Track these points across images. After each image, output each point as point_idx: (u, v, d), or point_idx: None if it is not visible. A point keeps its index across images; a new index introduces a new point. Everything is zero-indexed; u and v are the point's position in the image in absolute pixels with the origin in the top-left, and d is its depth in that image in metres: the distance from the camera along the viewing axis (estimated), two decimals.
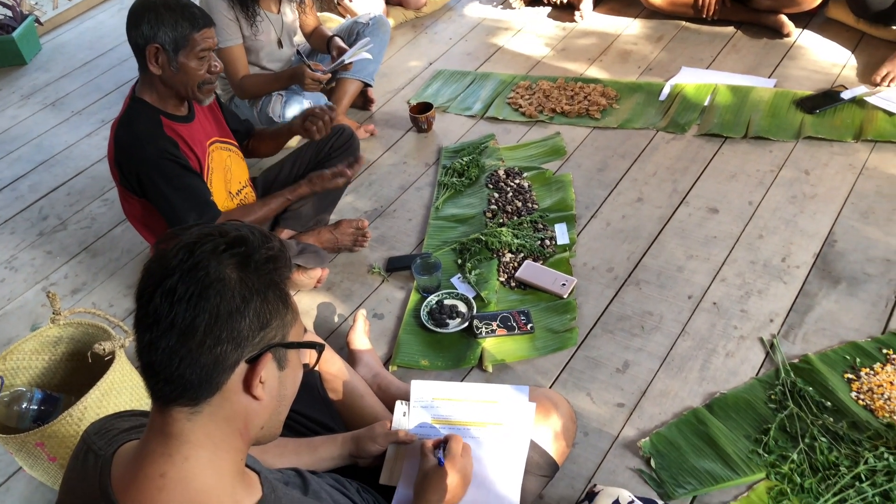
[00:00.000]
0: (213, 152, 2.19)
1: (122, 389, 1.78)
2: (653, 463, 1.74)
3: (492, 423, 1.41)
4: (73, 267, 2.68)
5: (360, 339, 2.00)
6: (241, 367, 0.90)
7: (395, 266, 2.37)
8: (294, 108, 2.81)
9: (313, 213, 2.46)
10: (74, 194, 3.06)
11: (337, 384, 1.67)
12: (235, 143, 2.32)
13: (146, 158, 2.00)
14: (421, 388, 1.46)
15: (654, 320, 2.09)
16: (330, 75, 2.73)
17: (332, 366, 1.68)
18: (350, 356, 1.97)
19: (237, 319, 0.88)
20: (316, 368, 1.65)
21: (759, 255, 2.23)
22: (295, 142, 2.98)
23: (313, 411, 1.57)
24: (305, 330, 1.09)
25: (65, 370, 1.96)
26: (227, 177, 2.25)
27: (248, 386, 0.91)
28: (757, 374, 1.90)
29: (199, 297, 0.86)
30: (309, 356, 1.06)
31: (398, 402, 1.47)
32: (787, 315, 2.05)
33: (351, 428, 1.54)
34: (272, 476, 1.09)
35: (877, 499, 1.57)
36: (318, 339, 1.69)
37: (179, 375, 0.87)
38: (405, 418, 1.45)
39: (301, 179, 2.31)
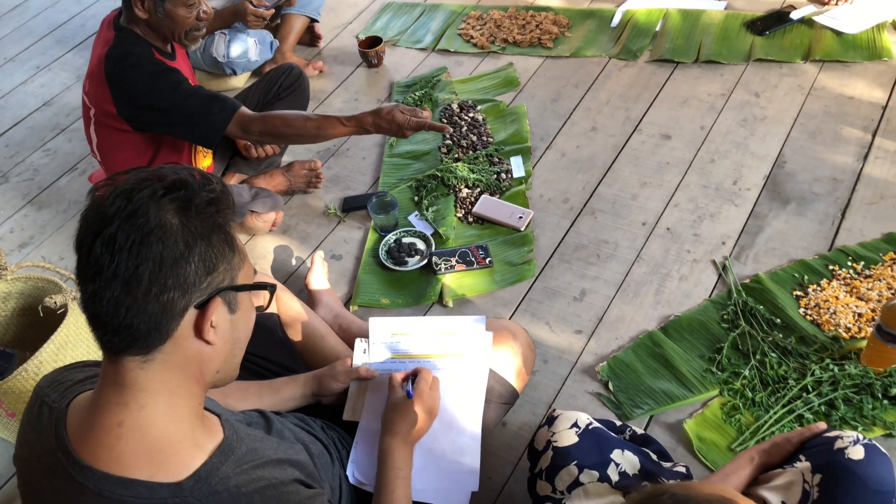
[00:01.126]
0: None
1: (79, 342, 1.75)
2: (611, 386, 1.78)
3: (451, 354, 1.43)
4: (17, 221, 2.60)
5: (319, 280, 1.99)
6: (191, 313, 0.89)
7: (351, 206, 2.35)
8: (238, 47, 2.72)
9: (265, 156, 2.41)
10: (13, 146, 2.95)
11: (296, 326, 1.67)
12: None
13: (153, 81, 1.91)
14: (379, 325, 1.46)
15: (609, 248, 2.12)
16: (273, 11, 2.64)
17: (290, 308, 1.68)
18: (309, 298, 1.97)
19: (182, 265, 0.86)
20: (274, 310, 1.65)
21: (711, 180, 2.26)
22: (242, 81, 2.90)
23: (274, 353, 1.57)
24: (256, 272, 1.08)
25: (17, 326, 1.93)
26: None
27: (199, 331, 0.90)
28: (710, 296, 1.95)
29: (141, 245, 0.84)
30: (263, 297, 1.06)
31: (358, 340, 1.48)
32: (739, 237, 2.09)
33: (313, 368, 1.54)
34: (234, 418, 1.10)
35: (822, 408, 1.64)
36: (271, 280, 1.68)
37: (127, 325, 0.85)
38: (365, 355, 1.46)
39: None
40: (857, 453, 1.13)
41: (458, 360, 1.43)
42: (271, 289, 1.01)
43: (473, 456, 1.39)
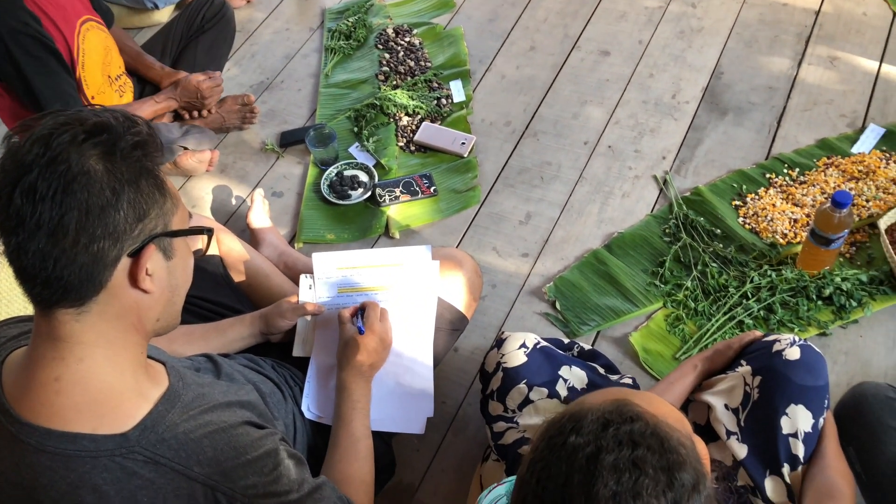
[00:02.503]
0: (88, 32, 1.99)
1: (14, 298, 1.70)
2: (558, 305, 1.81)
3: (398, 285, 1.42)
4: None
5: (260, 218, 1.95)
6: (125, 262, 0.86)
7: (289, 140, 2.29)
8: None
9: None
10: None
11: (240, 266, 1.65)
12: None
13: (2, 32, 1.80)
14: (323, 260, 1.45)
15: (552, 170, 2.12)
16: None
17: (232, 249, 1.65)
18: (252, 237, 1.93)
19: (110, 213, 0.82)
20: (215, 252, 1.62)
21: (651, 94, 2.26)
22: (166, 16, 2.76)
23: (218, 295, 1.55)
24: (191, 215, 1.04)
25: None
26: (107, 59, 2.06)
27: (134, 280, 0.87)
28: (652, 211, 1.98)
29: (64, 194, 0.80)
30: (202, 241, 1.03)
31: (302, 276, 1.46)
32: (679, 151, 2.11)
33: (260, 308, 1.52)
34: (180, 364, 1.08)
35: (761, 312, 1.70)
36: (210, 223, 1.64)
37: (57, 278, 0.82)
38: (311, 291, 1.44)
39: (177, 60, 2.15)
40: (793, 354, 1.18)
41: (405, 291, 1.43)
42: (208, 232, 0.99)
43: (427, 383, 1.40)
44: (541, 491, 0.69)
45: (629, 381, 1.41)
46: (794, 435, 1.14)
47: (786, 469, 1.14)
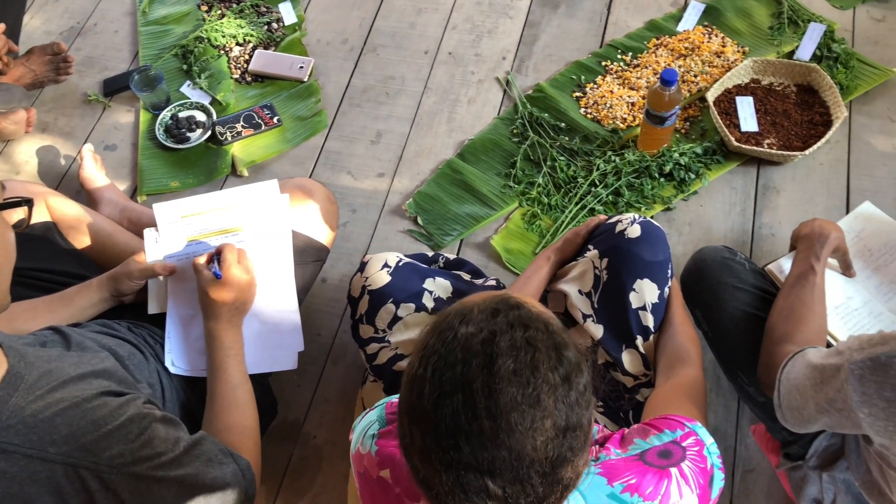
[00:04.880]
0: None
1: None
2: (419, 220, 1.82)
3: (248, 224, 1.38)
4: None
5: (94, 175, 1.82)
6: None
7: (113, 88, 2.12)
8: None
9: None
10: None
11: (79, 229, 1.54)
12: None
13: None
14: (165, 210, 1.37)
15: (396, 84, 2.08)
16: None
17: (66, 212, 1.53)
18: (89, 197, 1.80)
19: None
20: (47, 219, 1.50)
21: None
22: None
23: (59, 264, 1.45)
24: (4, 187, 0.96)
25: None
26: None
27: None
28: (498, 114, 1.99)
29: None
30: (23, 213, 0.95)
31: (146, 231, 1.38)
32: (517, 49, 2.12)
33: (109, 270, 1.44)
34: (20, 343, 1.02)
35: (610, 197, 1.78)
36: (37, 190, 1.51)
37: None
38: (158, 245, 1.37)
39: None
40: (634, 232, 1.24)
41: (257, 229, 1.38)
42: (26, 203, 0.92)
43: (293, 318, 1.39)
44: (438, 380, 0.70)
45: (493, 282, 1.44)
46: (643, 308, 1.21)
47: (639, 341, 1.22)
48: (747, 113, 1.86)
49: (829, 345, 1.23)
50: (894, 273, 1.38)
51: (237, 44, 2.18)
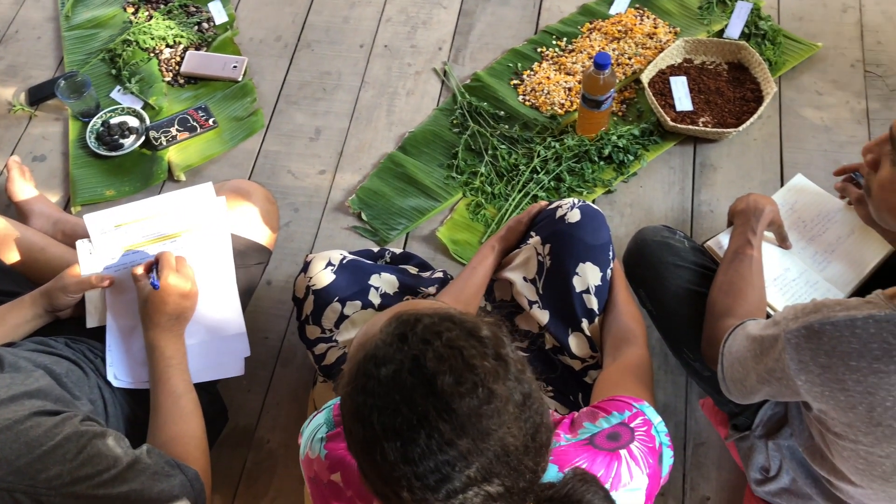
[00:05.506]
0: None
1: None
2: (364, 216, 1.81)
3: (185, 230, 1.35)
4: None
5: (22, 188, 1.75)
6: None
7: (39, 96, 2.05)
8: None
9: None
10: None
11: (7, 245, 1.48)
12: None
13: None
14: (97, 220, 1.33)
15: (333, 79, 2.06)
16: None
17: None
18: (18, 211, 1.74)
19: None
20: None
21: None
22: None
23: None
24: None
25: None
26: None
27: None
28: (437, 105, 1.99)
29: None
30: None
31: (79, 243, 1.34)
32: (453, 39, 2.11)
33: (44, 284, 1.39)
34: None
35: (552, 183, 1.79)
36: None
37: None
38: (92, 256, 1.33)
39: None
40: (574, 216, 1.25)
41: (194, 235, 1.35)
42: None
43: (236, 323, 1.37)
44: (393, 431, 0.67)
45: (440, 275, 1.44)
46: (587, 291, 1.22)
47: (584, 324, 1.23)
48: (681, 92, 1.89)
49: (768, 316, 1.26)
50: (827, 242, 1.42)
51: (167, 45, 2.12)
